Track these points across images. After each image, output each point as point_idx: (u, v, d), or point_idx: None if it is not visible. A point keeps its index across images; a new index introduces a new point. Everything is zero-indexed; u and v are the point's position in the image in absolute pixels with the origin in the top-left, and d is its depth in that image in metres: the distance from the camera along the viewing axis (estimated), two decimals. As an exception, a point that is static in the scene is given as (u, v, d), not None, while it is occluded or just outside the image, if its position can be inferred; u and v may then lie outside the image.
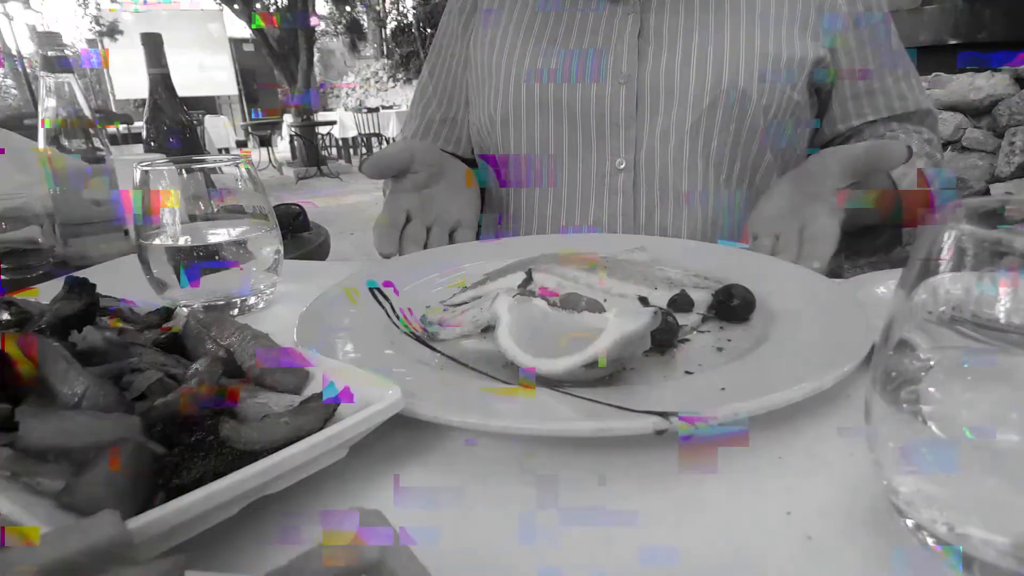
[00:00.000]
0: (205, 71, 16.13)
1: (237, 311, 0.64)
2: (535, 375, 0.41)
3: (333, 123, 11.24)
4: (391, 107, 12.56)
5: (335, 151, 12.12)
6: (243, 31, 13.97)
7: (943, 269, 0.25)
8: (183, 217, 0.62)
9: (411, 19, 17.07)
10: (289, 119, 11.55)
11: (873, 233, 0.85)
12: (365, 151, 11.26)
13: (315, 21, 12.56)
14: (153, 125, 1.21)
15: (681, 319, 0.51)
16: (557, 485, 0.36)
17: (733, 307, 0.53)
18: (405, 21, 17.44)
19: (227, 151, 10.08)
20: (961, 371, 0.27)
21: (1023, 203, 0.27)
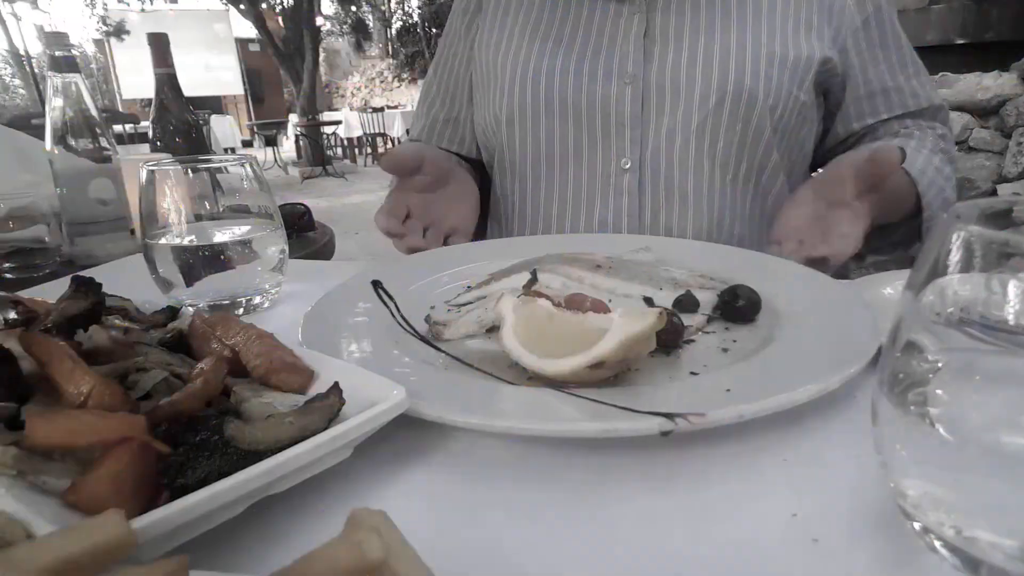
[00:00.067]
0: (211, 71, 16.21)
1: (242, 310, 0.65)
2: (540, 376, 0.41)
3: (338, 123, 11.27)
4: (396, 107, 12.61)
5: (340, 151, 12.14)
6: (249, 31, 14.03)
7: (951, 270, 0.25)
8: (189, 217, 0.63)
9: (416, 19, 17.10)
10: (295, 119, 11.58)
11: (890, 229, 0.85)
12: (370, 151, 11.30)
13: (320, 21, 12.58)
14: (159, 125, 1.22)
15: (686, 320, 0.50)
16: (561, 486, 0.36)
17: (739, 308, 0.53)
18: (410, 21, 17.47)
19: (233, 151, 10.12)
20: (969, 373, 0.26)
21: (1032, 204, 0.26)
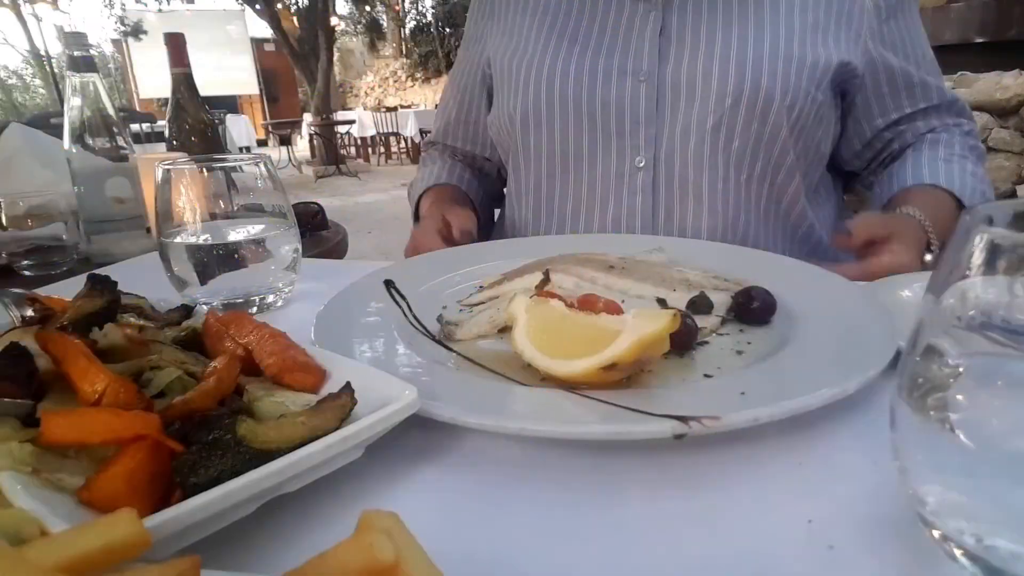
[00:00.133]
0: (227, 71, 16.35)
1: (256, 309, 0.65)
2: (552, 377, 0.41)
3: (352, 122, 11.33)
4: (409, 106, 12.65)
5: (354, 150, 12.21)
6: (264, 31, 14.12)
7: (973, 273, 0.25)
8: (203, 215, 0.63)
9: (430, 19, 17.12)
10: (309, 118, 11.64)
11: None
12: (384, 150, 11.33)
13: (335, 21, 12.64)
14: (175, 124, 1.23)
15: (700, 321, 0.50)
16: (573, 488, 0.35)
17: (753, 309, 0.53)
18: (424, 21, 17.50)
19: (248, 150, 10.20)
20: (991, 378, 0.26)
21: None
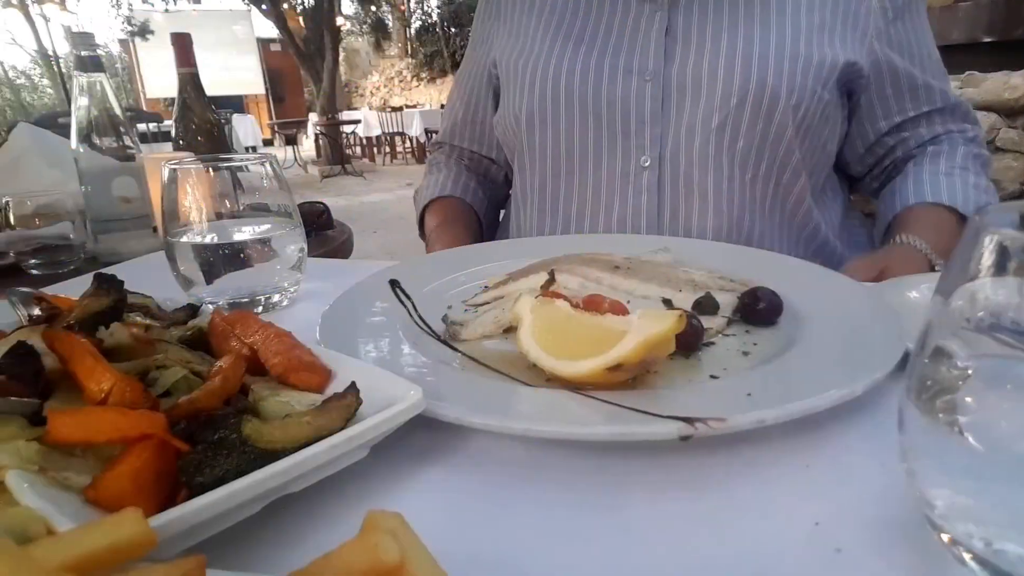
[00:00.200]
0: (233, 70, 16.41)
1: (261, 308, 0.65)
2: (557, 377, 0.41)
3: (357, 122, 11.35)
4: (415, 106, 12.66)
5: (359, 150, 12.23)
6: (270, 31, 14.15)
7: (983, 274, 0.24)
8: (209, 215, 0.63)
9: (435, 18, 17.14)
10: (314, 118, 11.67)
11: None
12: (389, 150, 11.35)
13: (341, 21, 12.67)
14: (182, 124, 1.23)
15: (706, 322, 0.50)
16: (579, 489, 0.35)
17: (759, 310, 0.52)
18: (429, 20, 17.52)
19: (254, 149, 10.23)
20: (1000, 381, 0.26)
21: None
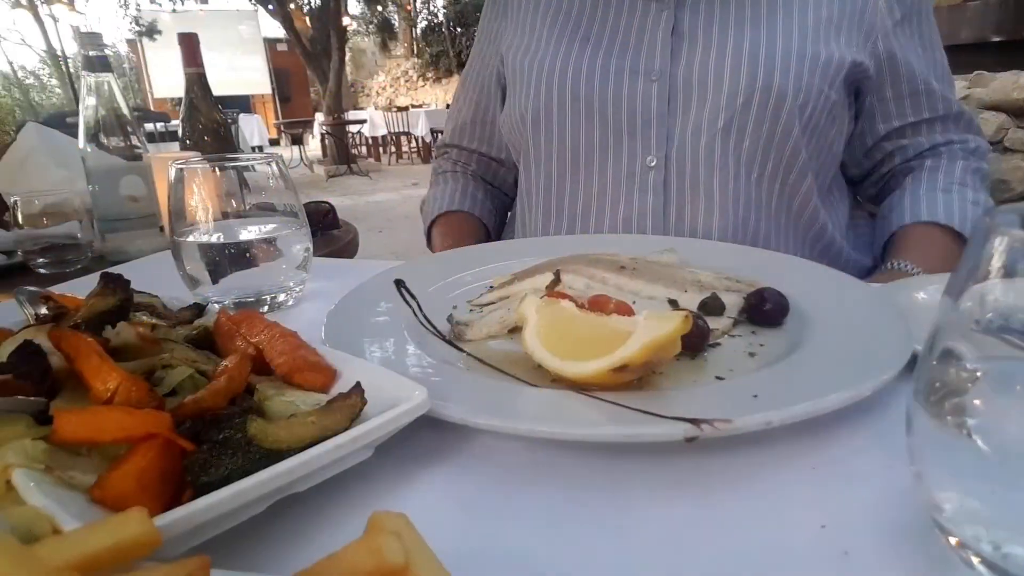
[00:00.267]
0: (240, 70, 16.48)
1: (267, 308, 0.65)
2: (563, 378, 0.41)
3: (363, 122, 11.37)
4: (420, 106, 12.68)
5: (365, 149, 12.25)
6: (277, 31, 14.21)
7: (992, 276, 0.24)
8: (216, 214, 0.63)
9: (441, 18, 17.15)
10: (320, 118, 11.70)
11: None
12: (395, 149, 11.36)
13: (347, 21, 12.69)
14: (189, 123, 1.24)
15: (712, 323, 0.50)
16: (584, 490, 0.35)
17: (766, 311, 0.52)
18: (435, 21, 17.52)
19: (260, 149, 10.27)
20: (1009, 383, 0.25)
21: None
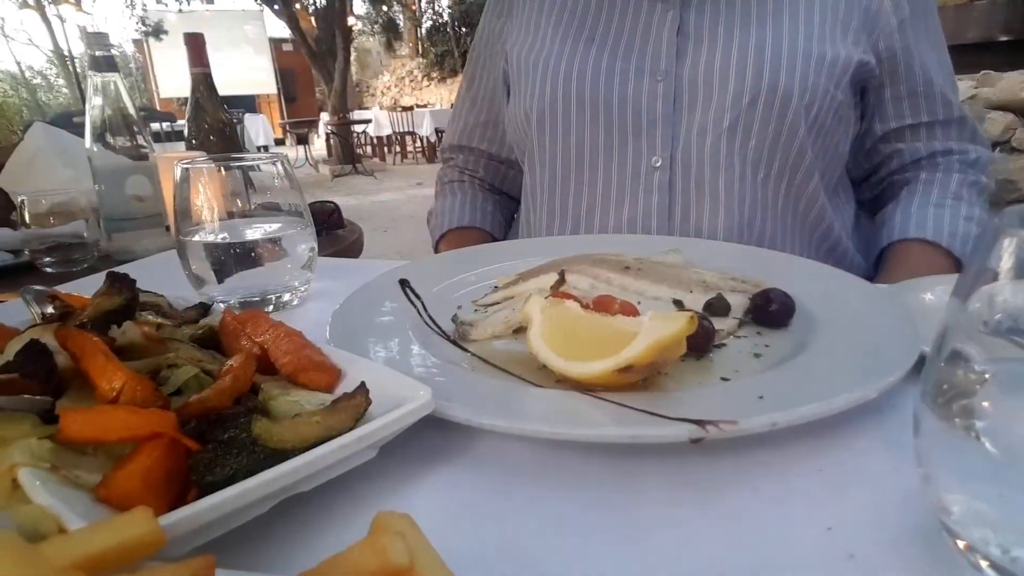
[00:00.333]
0: (245, 70, 16.52)
1: (272, 307, 0.65)
2: (567, 379, 0.40)
3: (368, 122, 11.38)
4: (425, 106, 12.69)
5: (370, 149, 12.27)
6: (282, 31, 14.23)
7: (1001, 277, 0.24)
8: (221, 214, 0.63)
9: (446, 18, 17.17)
10: (326, 117, 11.71)
11: None
12: (399, 149, 11.38)
13: (352, 21, 12.72)
14: (194, 123, 1.24)
15: (717, 323, 0.49)
16: (588, 491, 0.35)
17: (771, 312, 0.52)
18: (440, 20, 17.54)
19: (265, 149, 10.29)
20: (1018, 385, 0.25)
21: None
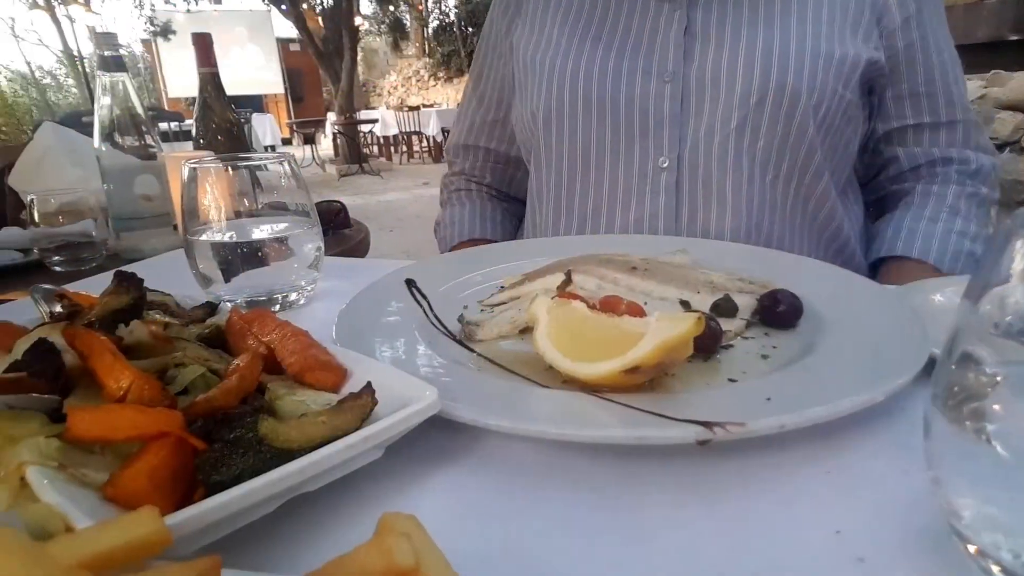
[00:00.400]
0: (253, 70, 16.59)
1: (278, 307, 0.65)
2: (574, 379, 0.40)
3: (375, 121, 11.41)
4: (432, 105, 12.70)
5: (376, 149, 12.30)
6: (290, 31, 14.30)
7: (1013, 279, 0.24)
8: (228, 213, 0.64)
9: (453, 18, 17.18)
10: (333, 117, 11.75)
11: None
12: (406, 149, 11.40)
13: (359, 21, 12.74)
14: (202, 123, 1.24)
15: (724, 324, 0.49)
16: (594, 493, 0.35)
17: (779, 313, 0.52)
18: (447, 20, 17.57)
19: (273, 148, 10.33)
20: (1030, 388, 0.25)
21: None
